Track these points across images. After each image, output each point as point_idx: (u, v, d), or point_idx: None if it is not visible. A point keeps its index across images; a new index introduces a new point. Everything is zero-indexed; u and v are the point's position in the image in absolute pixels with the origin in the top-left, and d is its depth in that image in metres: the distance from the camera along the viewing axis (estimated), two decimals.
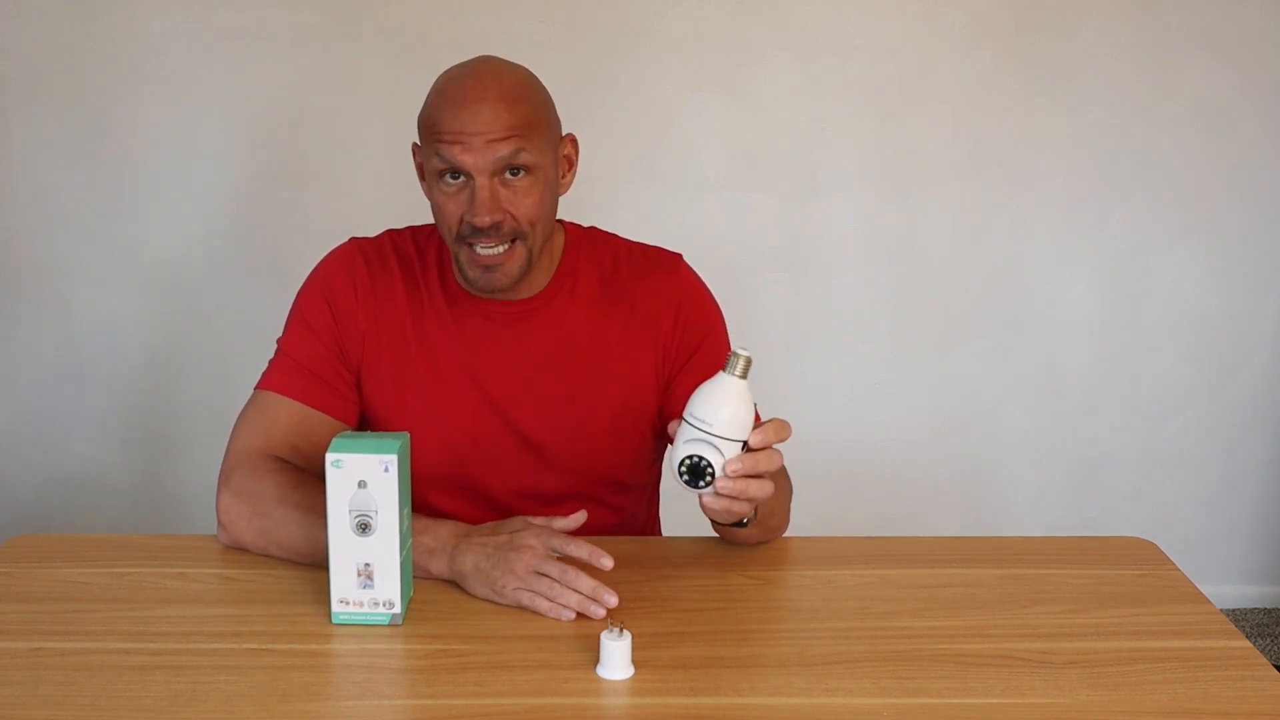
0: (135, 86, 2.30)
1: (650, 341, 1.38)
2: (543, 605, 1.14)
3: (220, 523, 1.29)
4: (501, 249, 1.27)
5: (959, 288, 2.50)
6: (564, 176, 1.34)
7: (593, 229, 1.45)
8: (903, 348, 2.53)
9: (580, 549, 1.17)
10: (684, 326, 1.38)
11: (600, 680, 1.04)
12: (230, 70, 2.29)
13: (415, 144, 1.33)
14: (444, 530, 1.22)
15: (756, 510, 1.18)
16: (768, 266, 2.45)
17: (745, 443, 1.08)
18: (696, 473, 1.07)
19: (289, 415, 1.33)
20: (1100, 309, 2.53)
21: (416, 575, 1.20)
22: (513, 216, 1.25)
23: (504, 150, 1.22)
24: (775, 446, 1.11)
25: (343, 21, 2.28)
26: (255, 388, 1.36)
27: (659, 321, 1.38)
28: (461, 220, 1.25)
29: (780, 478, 1.28)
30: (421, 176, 1.32)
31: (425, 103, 1.29)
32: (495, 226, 1.24)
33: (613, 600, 1.14)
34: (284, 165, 2.35)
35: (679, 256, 1.43)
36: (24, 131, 2.32)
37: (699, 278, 1.43)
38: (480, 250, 1.27)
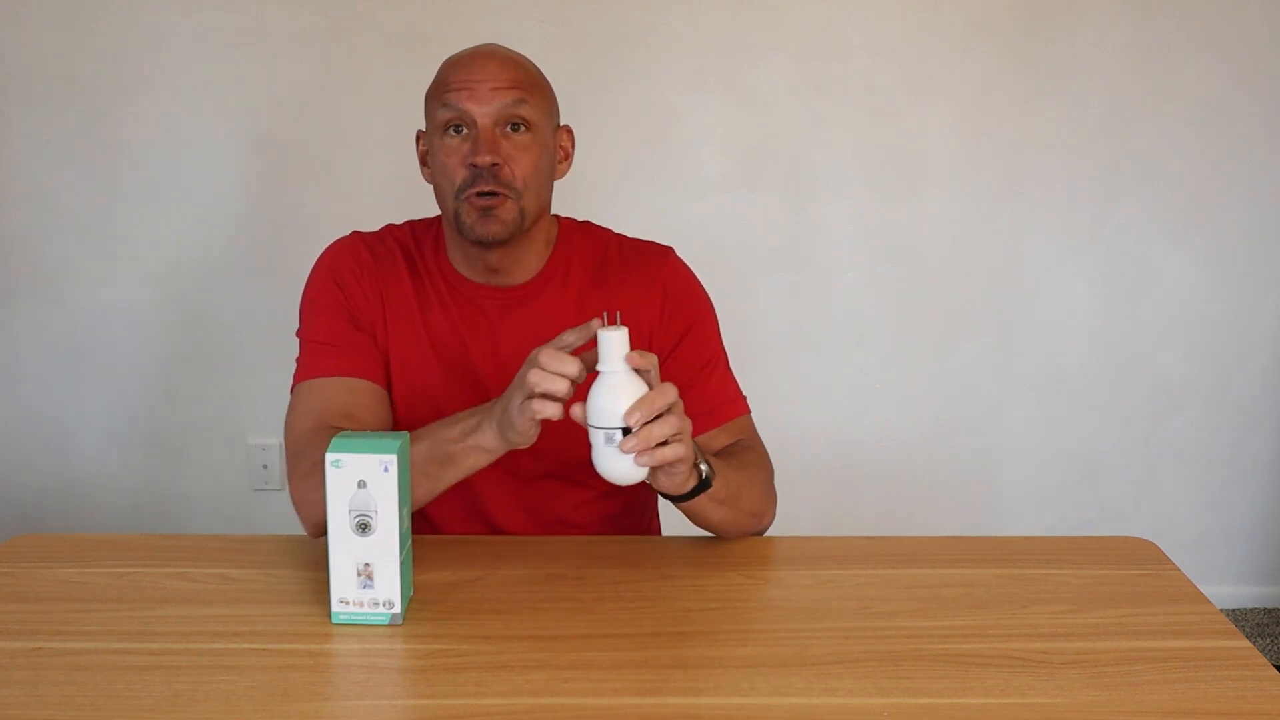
0: (135, 86, 2.30)
1: (633, 328, 1.38)
2: (543, 408, 1.10)
3: (298, 513, 1.27)
4: (497, 195, 1.28)
5: (959, 288, 2.50)
6: (560, 163, 1.37)
7: (587, 222, 1.47)
8: (903, 347, 2.53)
9: (569, 334, 1.14)
10: (670, 312, 1.40)
11: (600, 680, 1.04)
12: (230, 70, 2.29)
13: (420, 131, 1.35)
14: (478, 409, 1.20)
15: (709, 477, 1.19)
16: (768, 266, 2.45)
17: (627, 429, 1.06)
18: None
19: (334, 392, 1.33)
20: (1100, 308, 2.53)
21: (467, 466, 1.19)
22: (510, 169, 1.28)
23: (507, 99, 1.27)
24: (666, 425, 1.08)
25: (343, 22, 2.28)
26: (291, 387, 1.36)
27: (644, 308, 1.39)
28: (464, 165, 1.28)
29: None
30: (424, 163, 1.35)
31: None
32: (494, 169, 1.27)
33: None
34: (284, 165, 2.35)
35: (670, 249, 1.45)
36: (24, 131, 2.32)
37: (689, 269, 1.45)
38: (479, 197, 1.28)
